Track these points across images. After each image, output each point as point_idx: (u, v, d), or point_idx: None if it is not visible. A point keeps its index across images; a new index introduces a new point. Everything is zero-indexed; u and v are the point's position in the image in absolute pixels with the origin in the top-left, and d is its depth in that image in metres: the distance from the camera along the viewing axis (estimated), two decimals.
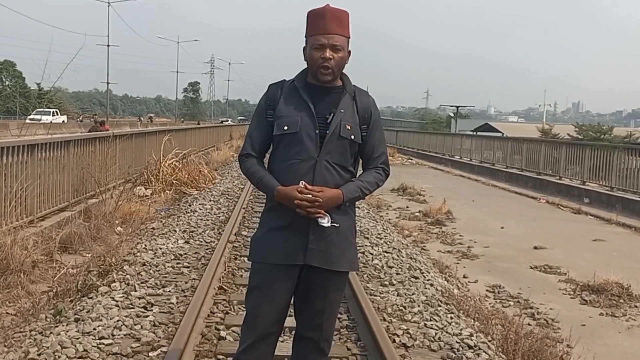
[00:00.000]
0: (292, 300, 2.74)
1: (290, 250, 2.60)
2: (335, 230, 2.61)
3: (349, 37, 2.64)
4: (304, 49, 2.65)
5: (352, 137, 2.63)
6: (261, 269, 2.65)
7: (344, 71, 2.70)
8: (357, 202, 2.82)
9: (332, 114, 2.61)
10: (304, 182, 2.56)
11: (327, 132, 2.59)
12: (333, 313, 2.78)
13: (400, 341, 4.37)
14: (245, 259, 5.27)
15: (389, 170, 2.80)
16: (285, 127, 2.60)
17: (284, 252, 2.61)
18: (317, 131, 2.59)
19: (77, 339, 4.13)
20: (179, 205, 10.87)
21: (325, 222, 2.57)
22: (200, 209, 10.07)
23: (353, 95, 2.68)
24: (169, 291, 5.42)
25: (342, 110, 2.63)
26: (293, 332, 2.91)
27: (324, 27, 2.56)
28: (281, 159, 2.64)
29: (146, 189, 11.53)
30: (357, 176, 2.73)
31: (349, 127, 2.62)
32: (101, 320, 4.49)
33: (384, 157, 2.78)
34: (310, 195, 2.52)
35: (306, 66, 2.69)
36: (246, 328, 2.70)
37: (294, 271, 2.63)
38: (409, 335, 4.49)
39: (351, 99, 2.67)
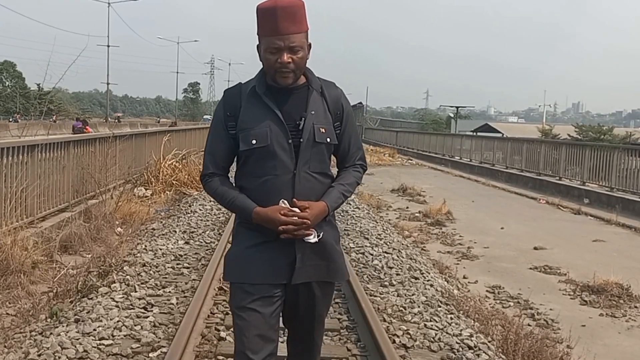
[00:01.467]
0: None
1: (274, 269, 2.34)
2: (321, 242, 2.37)
3: (307, 30, 2.33)
4: (258, 47, 2.33)
5: (328, 140, 2.39)
6: (242, 290, 2.36)
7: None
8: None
9: (303, 119, 2.34)
10: (285, 201, 2.28)
11: (301, 140, 2.32)
12: (322, 324, 2.60)
13: (400, 342, 4.37)
14: None
15: (366, 165, 2.59)
16: (254, 141, 2.31)
17: (266, 271, 2.34)
18: (290, 141, 2.32)
19: (77, 339, 4.14)
20: (179, 205, 10.88)
21: (312, 238, 2.32)
22: (200, 210, 10.07)
23: (320, 90, 2.41)
24: (169, 292, 5.43)
25: (313, 112, 2.36)
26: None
27: (276, 29, 2.25)
28: (254, 175, 2.35)
29: (146, 189, 11.54)
30: (335, 178, 2.50)
31: (323, 130, 2.37)
32: (101, 320, 4.49)
33: (361, 152, 2.56)
34: (296, 217, 2.26)
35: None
36: (238, 356, 2.38)
37: (278, 289, 2.37)
38: (409, 336, 4.49)
39: (319, 96, 2.40)
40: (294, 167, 2.32)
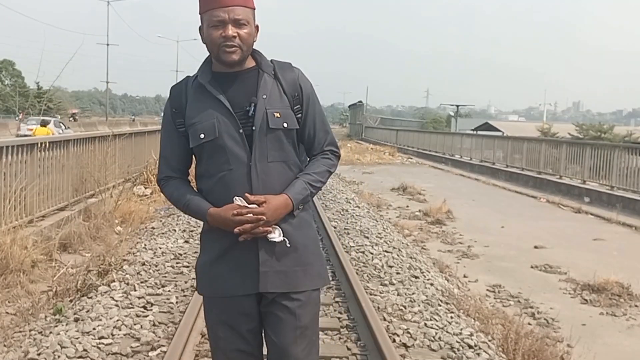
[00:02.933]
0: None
1: (241, 278, 2.13)
2: (292, 243, 2.14)
3: (254, 9, 2.14)
4: (200, 29, 2.15)
5: (285, 125, 2.14)
6: (214, 304, 2.20)
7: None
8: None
9: (253, 104, 2.11)
10: (238, 198, 2.07)
11: (254, 128, 2.10)
12: (309, 342, 2.21)
13: (400, 341, 4.37)
14: None
15: (338, 151, 2.31)
16: (202, 135, 2.11)
17: (233, 282, 2.13)
18: (241, 130, 2.10)
19: (77, 338, 4.13)
20: None
21: (276, 236, 2.10)
22: None
23: (273, 73, 2.18)
24: (169, 291, 5.42)
25: (265, 96, 2.13)
26: None
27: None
28: (208, 173, 2.15)
29: (146, 188, 11.52)
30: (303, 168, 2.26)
31: (277, 115, 2.12)
32: (101, 319, 4.49)
33: (329, 136, 2.28)
34: (251, 214, 2.04)
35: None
36: None
37: (252, 303, 2.16)
38: (409, 335, 4.49)
39: (272, 79, 2.17)
40: (249, 159, 2.10)
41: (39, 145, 7.49)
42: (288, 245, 2.12)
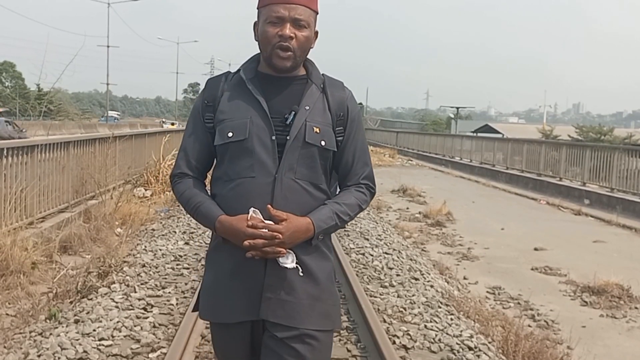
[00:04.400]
0: None
1: (242, 303, 1.92)
2: (304, 273, 1.91)
3: (317, 12, 1.96)
4: (255, 25, 1.97)
5: (323, 143, 1.94)
6: (216, 331, 2.04)
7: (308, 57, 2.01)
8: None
9: (293, 113, 1.92)
10: (254, 210, 1.85)
11: (288, 137, 1.90)
12: None
13: (400, 343, 4.37)
14: None
15: (374, 187, 2.07)
16: (230, 134, 1.91)
17: (235, 307, 1.93)
18: (274, 137, 1.90)
19: (77, 340, 4.14)
20: (178, 206, 10.87)
21: (289, 261, 1.87)
22: None
23: (322, 86, 1.99)
24: (169, 292, 5.42)
25: (307, 108, 1.93)
26: None
27: None
28: (227, 177, 1.94)
29: (146, 190, 11.54)
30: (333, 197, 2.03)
31: (317, 131, 1.92)
32: (101, 321, 4.49)
33: (368, 169, 2.05)
34: (266, 230, 1.82)
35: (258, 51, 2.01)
36: None
37: (258, 329, 1.97)
38: (409, 337, 4.49)
39: (320, 92, 1.98)
40: (276, 170, 1.89)
41: (39, 146, 7.49)
42: (301, 273, 1.91)
